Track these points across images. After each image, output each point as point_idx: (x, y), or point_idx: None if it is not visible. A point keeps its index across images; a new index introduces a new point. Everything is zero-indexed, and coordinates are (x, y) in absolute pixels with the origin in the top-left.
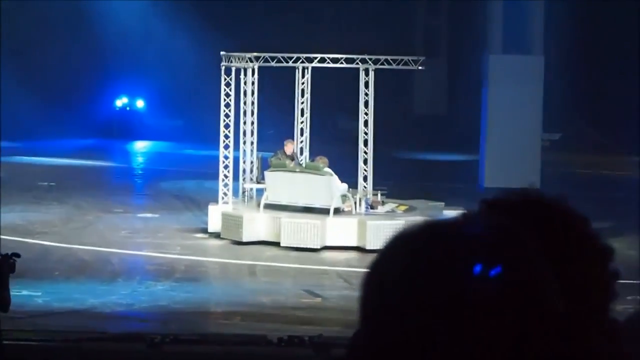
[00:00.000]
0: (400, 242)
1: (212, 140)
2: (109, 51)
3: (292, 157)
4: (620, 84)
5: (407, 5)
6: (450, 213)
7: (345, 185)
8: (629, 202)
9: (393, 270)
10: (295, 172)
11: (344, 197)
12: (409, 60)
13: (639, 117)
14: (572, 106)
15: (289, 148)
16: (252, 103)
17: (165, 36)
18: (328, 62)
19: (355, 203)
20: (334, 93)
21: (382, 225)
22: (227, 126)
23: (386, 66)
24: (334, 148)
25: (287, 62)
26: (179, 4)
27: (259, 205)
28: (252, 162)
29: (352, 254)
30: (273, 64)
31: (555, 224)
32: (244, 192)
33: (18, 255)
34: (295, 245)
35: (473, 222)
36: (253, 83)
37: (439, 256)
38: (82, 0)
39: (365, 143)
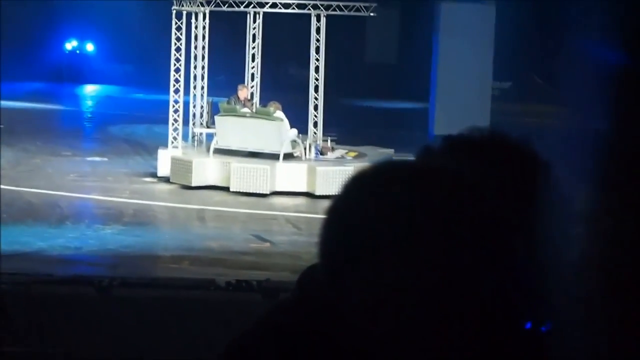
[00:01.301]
0: (371, 184)
1: (163, 84)
2: None
3: (245, 102)
4: (571, 34)
5: None
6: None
7: (295, 131)
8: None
9: (359, 213)
10: (245, 117)
11: (293, 143)
12: (360, 7)
13: (590, 69)
14: (522, 55)
15: (242, 93)
16: (203, 48)
17: None
18: (279, 8)
19: (305, 149)
20: (285, 39)
21: (331, 171)
22: (177, 70)
23: (338, 12)
24: (285, 94)
25: (239, 6)
26: None
27: (208, 150)
28: (202, 107)
29: (301, 200)
30: (224, 8)
31: (520, 165)
32: (193, 137)
33: None
34: (244, 191)
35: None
36: (204, 27)
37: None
38: None
39: (316, 89)
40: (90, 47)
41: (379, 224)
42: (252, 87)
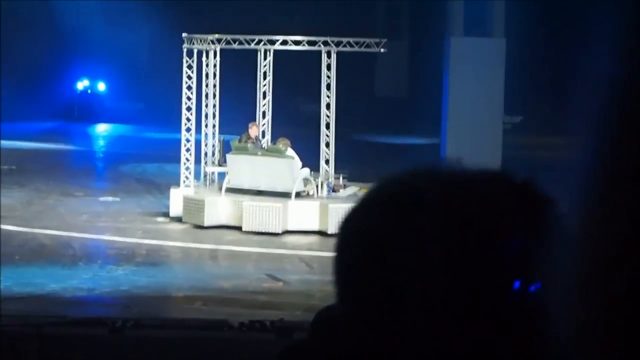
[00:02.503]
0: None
1: (174, 123)
2: (69, 34)
3: (255, 140)
4: (582, 66)
5: None
6: None
7: (307, 170)
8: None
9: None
10: (256, 155)
11: (305, 181)
12: (371, 43)
13: (600, 99)
14: (533, 89)
15: (253, 131)
16: (215, 85)
17: (127, 18)
18: (290, 45)
19: (317, 186)
20: (296, 76)
21: (343, 209)
22: (188, 109)
23: (348, 48)
24: (296, 131)
25: (249, 44)
26: None
27: (220, 188)
28: (214, 145)
29: (314, 238)
30: (235, 46)
31: (524, 204)
32: (205, 176)
33: None
34: (256, 230)
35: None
36: (215, 65)
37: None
38: None
39: (327, 126)
40: (101, 86)
41: (393, 245)
42: (263, 124)
